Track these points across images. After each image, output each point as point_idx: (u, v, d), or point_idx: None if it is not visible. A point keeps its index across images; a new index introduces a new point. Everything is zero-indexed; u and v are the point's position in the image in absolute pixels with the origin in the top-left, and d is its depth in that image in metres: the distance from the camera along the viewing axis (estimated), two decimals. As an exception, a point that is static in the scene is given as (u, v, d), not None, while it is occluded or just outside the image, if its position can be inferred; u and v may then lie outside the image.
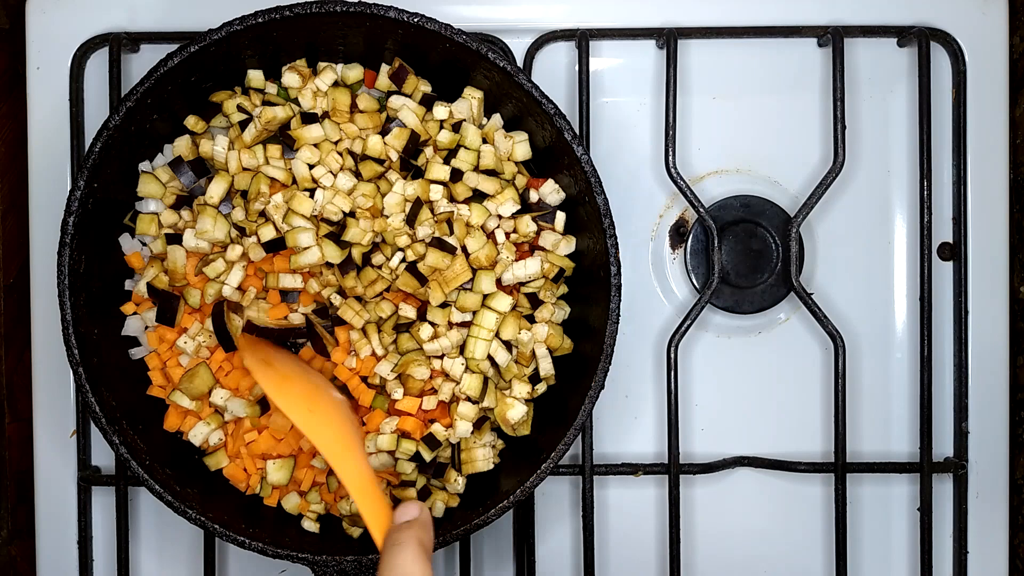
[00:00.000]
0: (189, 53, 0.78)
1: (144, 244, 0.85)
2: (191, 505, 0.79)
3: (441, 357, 0.83)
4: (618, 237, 0.79)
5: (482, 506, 0.81)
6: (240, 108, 0.83)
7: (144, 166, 0.85)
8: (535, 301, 0.84)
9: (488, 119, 0.85)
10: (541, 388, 0.86)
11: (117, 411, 0.81)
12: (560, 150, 0.81)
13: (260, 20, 0.78)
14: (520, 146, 0.84)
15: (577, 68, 0.90)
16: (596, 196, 0.79)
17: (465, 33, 0.79)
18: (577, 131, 0.89)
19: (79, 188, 0.78)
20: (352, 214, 0.82)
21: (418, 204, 0.82)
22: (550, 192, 0.85)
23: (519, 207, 0.83)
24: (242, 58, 0.82)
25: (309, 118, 0.83)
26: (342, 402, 0.81)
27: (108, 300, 0.84)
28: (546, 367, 0.85)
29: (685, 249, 0.93)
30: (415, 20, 0.78)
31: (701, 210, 0.89)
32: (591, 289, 0.84)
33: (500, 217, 0.83)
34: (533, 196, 0.85)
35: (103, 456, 0.92)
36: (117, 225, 0.85)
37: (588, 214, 0.81)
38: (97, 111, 0.91)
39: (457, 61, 0.82)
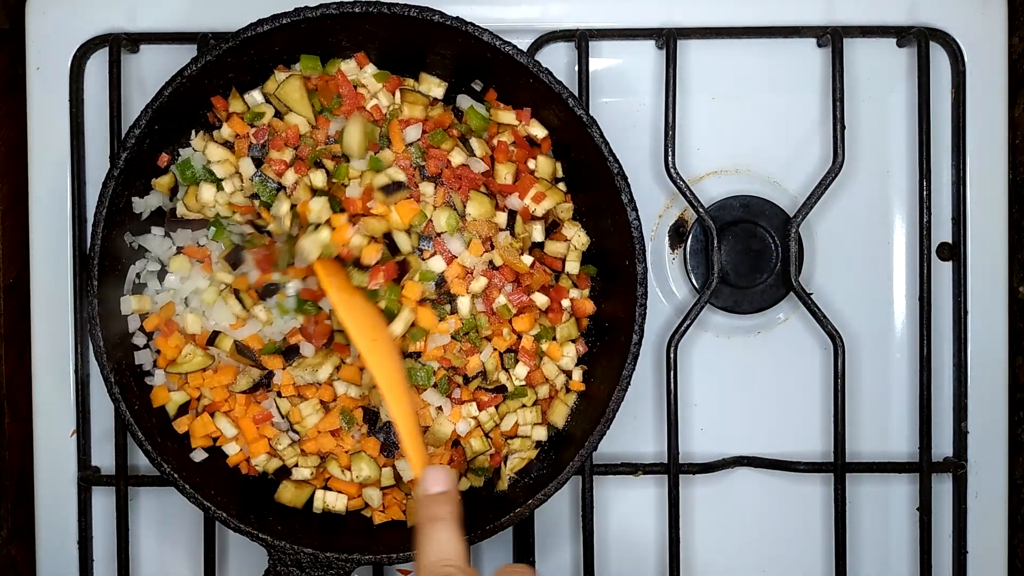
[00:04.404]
0: (280, 24, 0.79)
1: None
2: (168, 460, 0.80)
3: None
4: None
5: (497, 510, 0.82)
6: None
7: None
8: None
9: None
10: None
11: (119, 351, 0.82)
12: (612, 208, 0.82)
13: (357, 11, 0.80)
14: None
15: (577, 68, 0.90)
16: (638, 264, 0.80)
17: (551, 72, 0.81)
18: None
19: (139, 126, 0.80)
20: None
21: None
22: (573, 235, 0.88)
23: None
24: (328, 41, 0.83)
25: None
26: (396, 345, 0.83)
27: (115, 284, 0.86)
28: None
29: (685, 249, 0.93)
30: (507, 49, 0.80)
31: (701, 210, 0.89)
32: (609, 349, 0.85)
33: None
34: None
35: (103, 456, 0.92)
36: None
37: (624, 276, 0.82)
38: (97, 111, 0.92)
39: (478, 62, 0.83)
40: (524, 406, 0.86)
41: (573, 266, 0.87)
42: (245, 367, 0.86)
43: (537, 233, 0.86)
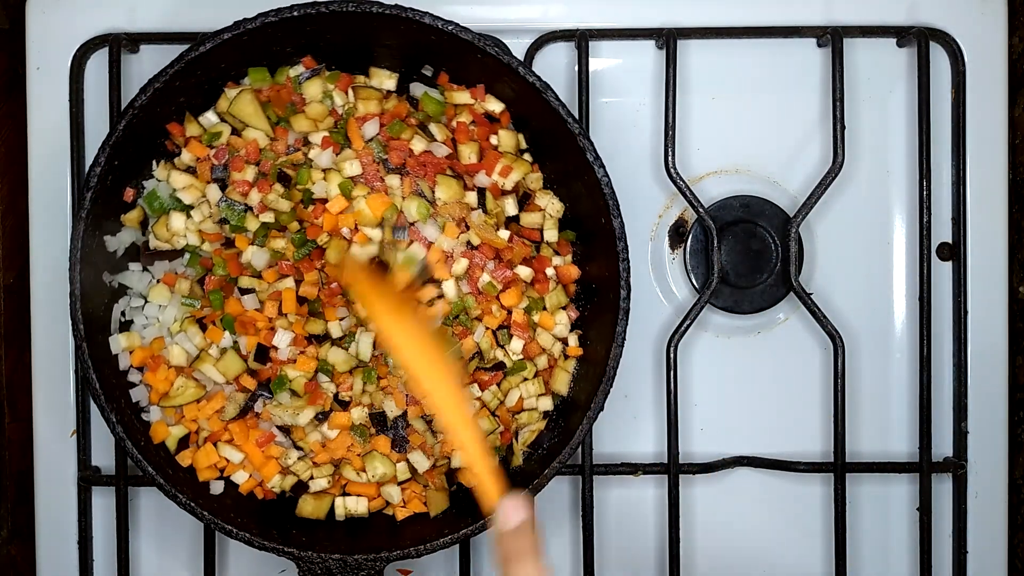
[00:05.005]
0: (222, 40, 0.79)
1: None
2: (182, 490, 0.80)
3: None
4: (618, 237, 0.80)
5: (469, 518, 0.82)
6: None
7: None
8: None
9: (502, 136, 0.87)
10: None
11: (116, 389, 0.82)
12: (580, 170, 0.82)
13: (296, 14, 0.79)
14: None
15: (577, 68, 0.90)
16: (613, 219, 0.80)
17: (497, 45, 0.80)
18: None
19: (99, 164, 0.79)
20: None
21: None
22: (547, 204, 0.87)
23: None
24: (273, 50, 0.83)
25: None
26: (453, 365, 0.77)
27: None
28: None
29: (685, 249, 0.93)
30: (449, 28, 0.79)
31: (700, 210, 0.89)
32: (600, 309, 0.85)
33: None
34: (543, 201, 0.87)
35: (103, 456, 0.92)
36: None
37: (602, 235, 0.82)
38: (97, 111, 0.91)
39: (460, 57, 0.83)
40: (526, 379, 0.86)
41: (551, 234, 0.87)
42: (231, 393, 0.85)
43: (510, 207, 0.86)
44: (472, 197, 0.85)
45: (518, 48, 0.91)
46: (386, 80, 0.87)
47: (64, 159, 0.91)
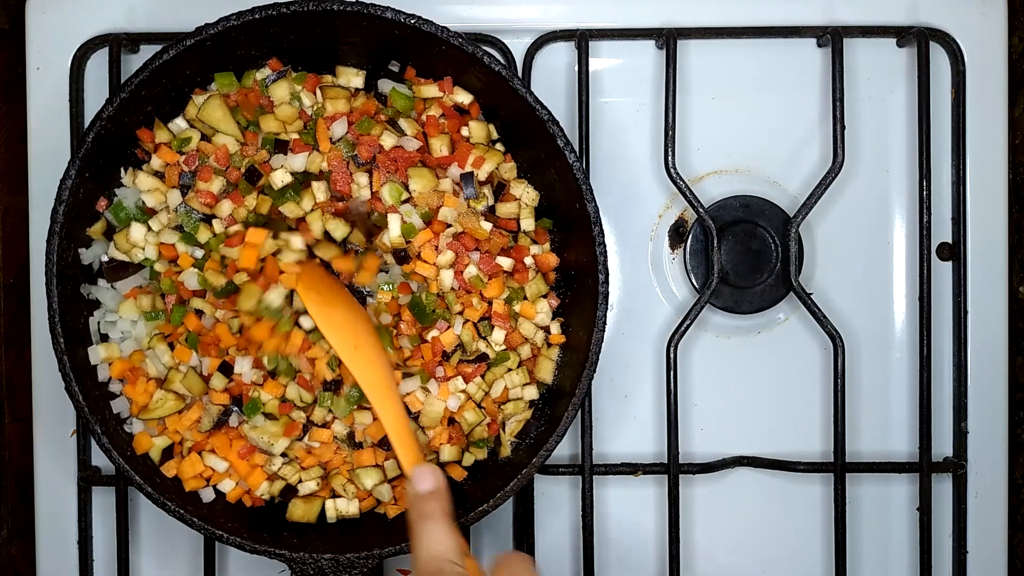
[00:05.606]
0: (185, 46, 0.78)
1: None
2: (171, 498, 0.80)
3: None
4: (617, 237, 0.80)
5: (460, 511, 0.81)
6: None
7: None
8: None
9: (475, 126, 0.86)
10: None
11: (100, 400, 0.82)
12: (552, 156, 0.81)
13: (257, 16, 0.78)
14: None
15: (576, 68, 0.90)
16: (587, 204, 0.80)
17: (461, 36, 0.79)
18: (576, 132, 0.89)
19: (70, 177, 0.79)
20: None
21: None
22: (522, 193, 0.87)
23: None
24: (238, 54, 0.83)
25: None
26: (382, 345, 0.84)
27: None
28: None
29: (684, 249, 0.93)
30: (411, 21, 0.79)
31: (700, 210, 0.89)
32: (580, 295, 0.84)
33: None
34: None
35: (103, 456, 0.92)
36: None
37: (578, 221, 0.81)
38: (97, 111, 0.91)
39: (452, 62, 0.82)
40: (510, 370, 0.86)
41: (528, 223, 0.87)
42: (207, 403, 0.84)
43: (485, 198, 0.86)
44: (446, 184, 0.85)
45: (517, 48, 0.91)
46: (353, 78, 0.86)
47: (64, 160, 0.90)
